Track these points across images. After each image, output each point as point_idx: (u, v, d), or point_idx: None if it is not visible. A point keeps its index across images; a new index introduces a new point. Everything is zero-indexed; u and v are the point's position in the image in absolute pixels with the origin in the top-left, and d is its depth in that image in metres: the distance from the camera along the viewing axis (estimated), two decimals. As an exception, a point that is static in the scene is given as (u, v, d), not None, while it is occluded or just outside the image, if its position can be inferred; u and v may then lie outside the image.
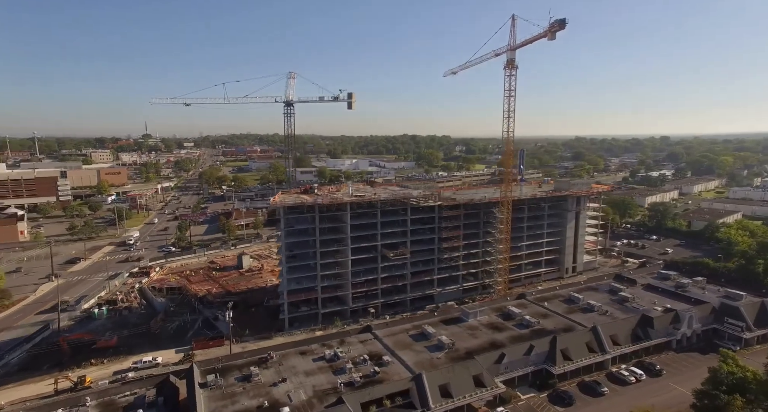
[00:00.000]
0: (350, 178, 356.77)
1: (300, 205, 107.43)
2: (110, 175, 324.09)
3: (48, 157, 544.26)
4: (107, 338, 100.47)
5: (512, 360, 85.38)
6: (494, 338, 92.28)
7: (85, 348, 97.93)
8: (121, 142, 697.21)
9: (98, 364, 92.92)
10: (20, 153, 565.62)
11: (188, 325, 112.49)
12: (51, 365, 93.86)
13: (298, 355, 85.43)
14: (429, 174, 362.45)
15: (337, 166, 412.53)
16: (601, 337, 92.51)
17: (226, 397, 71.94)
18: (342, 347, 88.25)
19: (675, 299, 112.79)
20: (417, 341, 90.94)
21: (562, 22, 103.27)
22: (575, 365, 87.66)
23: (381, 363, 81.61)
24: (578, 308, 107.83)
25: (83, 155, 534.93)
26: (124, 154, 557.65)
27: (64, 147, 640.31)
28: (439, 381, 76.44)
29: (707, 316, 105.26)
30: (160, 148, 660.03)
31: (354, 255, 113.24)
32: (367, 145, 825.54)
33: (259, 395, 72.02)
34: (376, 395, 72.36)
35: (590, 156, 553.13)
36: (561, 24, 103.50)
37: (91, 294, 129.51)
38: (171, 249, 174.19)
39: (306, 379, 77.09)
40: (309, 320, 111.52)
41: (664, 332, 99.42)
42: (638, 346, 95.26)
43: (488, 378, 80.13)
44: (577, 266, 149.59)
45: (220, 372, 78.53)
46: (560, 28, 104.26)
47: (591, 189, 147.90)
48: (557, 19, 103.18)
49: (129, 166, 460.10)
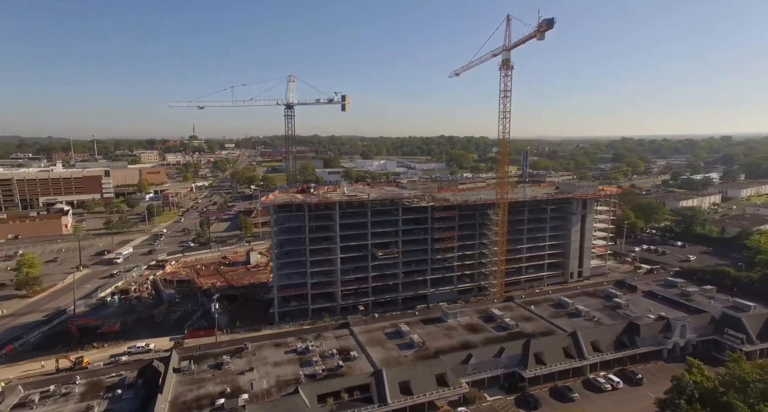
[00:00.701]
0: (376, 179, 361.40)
1: (289, 203, 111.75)
2: (150, 175, 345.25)
3: (105, 157, 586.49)
4: (111, 324, 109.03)
5: (481, 361, 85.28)
6: (467, 339, 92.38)
7: (91, 332, 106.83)
8: (169, 144, 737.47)
9: (99, 347, 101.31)
10: (82, 154, 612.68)
11: (189, 315, 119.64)
12: (62, 345, 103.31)
13: (273, 347, 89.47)
14: (454, 175, 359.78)
15: (365, 167, 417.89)
16: (580, 342, 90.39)
17: (194, 382, 76.98)
18: (316, 341, 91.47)
19: (673, 307, 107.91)
20: (390, 338, 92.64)
21: (550, 22, 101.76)
22: (548, 369, 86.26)
23: (348, 358, 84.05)
24: (565, 312, 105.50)
25: (133, 156, 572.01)
26: (170, 155, 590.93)
27: (119, 148, 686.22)
28: (399, 378, 77.90)
29: (705, 326, 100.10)
30: (204, 149, 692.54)
31: (343, 253, 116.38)
32: (403, 146, 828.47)
33: (224, 382, 76.49)
34: (334, 387, 74.91)
35: (631, 158, 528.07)
36: (549, 24, 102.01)
37: (108, 283, 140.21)
38: (190, 244, 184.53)
39: (272, 369, 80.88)
40: (299, 314, 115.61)
41: (653, 340, 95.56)
42: (621, 354, 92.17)
43: (452, 378, 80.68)
44: (584, 270, 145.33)
45: (196, 359, 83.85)
46: (548, 27, 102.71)
47: (597, 192, 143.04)
48: (545, 19, 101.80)
49: (171, 166, 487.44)
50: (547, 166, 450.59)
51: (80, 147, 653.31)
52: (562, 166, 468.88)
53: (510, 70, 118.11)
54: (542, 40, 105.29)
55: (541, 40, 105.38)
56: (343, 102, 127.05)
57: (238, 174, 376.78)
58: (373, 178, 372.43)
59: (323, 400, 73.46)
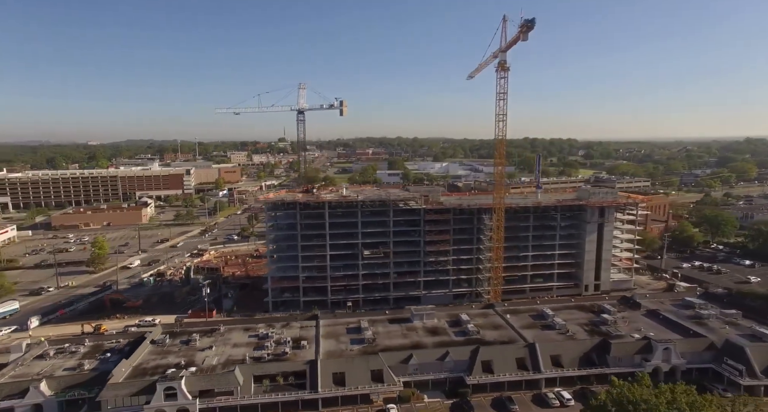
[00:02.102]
0: (434, 180, 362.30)
1: (282, 202, 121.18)
2: (227, 174, 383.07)
3: (204, 157, 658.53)
4: (134, 300, 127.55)
5: (423, 363, 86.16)
6: (420, 341, 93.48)
7: (119, 305, 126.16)
8: (258, 146, 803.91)
9: (121, 318, 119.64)
10: (186, 154, 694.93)
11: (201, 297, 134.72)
12: (98, 314, 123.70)
13: (242, 330, 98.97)
14: (513, 179, 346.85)
15: (426, 169, 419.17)
16: (537, 355, 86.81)
17: (161, 353, 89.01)
18: (281, 329, 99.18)
19: (670, 328, 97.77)
20: (348, 333, 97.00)
21: (531, 22, 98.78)
22: (494, 378, 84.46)
23: (298, 347, 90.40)
24: (541, 323, 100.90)
25: (225, 156, 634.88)
26: (256, 156, 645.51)
27: (217, 150, 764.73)
28: (334, 369, 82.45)
29: (701, 353, 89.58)
30: (287, 150, 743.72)
31: (333, 251, 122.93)
32: (481, 148, 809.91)
33: (184, 356, 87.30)
34: (271, 371, 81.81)
35: (741, 163, 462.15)
36: (530, 24, 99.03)
37: (153, 267, 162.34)
38: (233, 237, 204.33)
39: (229, 349, 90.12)
40: (292, 305, 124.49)
41: (628, 361, 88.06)
42: (584, 371, 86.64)
43: (389, 375, 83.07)
44: (602, 284, 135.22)
45: (174, 334, 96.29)
46: (529, 28, 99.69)
47: (616, 199, 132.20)
48: (526, 20, 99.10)
49: (255, 166, 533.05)
50: (625, 171, 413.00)
51: (187, 149, 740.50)
52: (646, 171, 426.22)
53: (506, 72, 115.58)
54: (525, 40, 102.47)
55: (525, 40, 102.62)
56: (341, 107, 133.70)
57: (307, 174, 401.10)
58: (430, 180, 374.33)
59: (260, 381, 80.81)
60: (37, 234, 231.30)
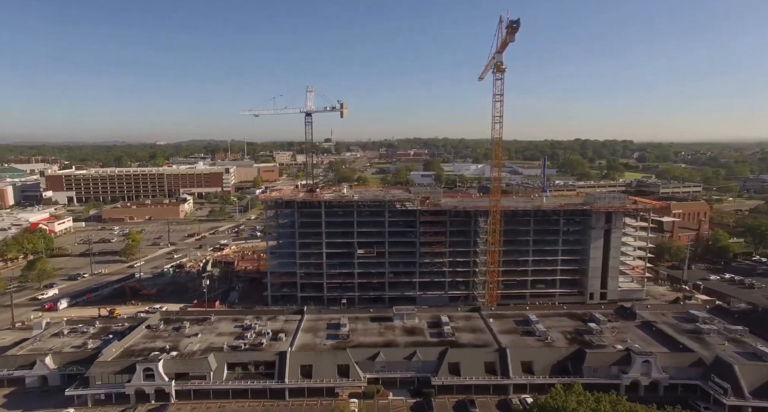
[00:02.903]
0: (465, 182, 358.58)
1: (281, 200, 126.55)
2: (266, 173, 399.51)
3: (252, 157, 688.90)
4: (149, 288, 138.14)
5: (390, 361, 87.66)
6: (394, 339, 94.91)
7: (136, 292, 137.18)
8: (304, 146, 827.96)
9: (136, 305, 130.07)
10: (236, 154, 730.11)
11: (215, 289, 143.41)
12: (119, 300, 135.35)
13: (230, 320, 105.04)
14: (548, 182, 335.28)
15: (461, 170, 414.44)
16: (507, 360, 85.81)
17: (152, 337, 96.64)
18: (266, 321, 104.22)
19: (660, 341, 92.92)
20: (327, 329, 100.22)
21: (516, 23, 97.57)
22: (460, 381, 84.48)
23: (275, 338, 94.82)
24: (521, 329, 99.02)
25: (270, 156, 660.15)
26: (300, 156, 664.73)
27: (264, 150, 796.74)
28: (302, 361, 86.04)
29: (687, 368, 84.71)
30: (331, 150, 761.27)
31: (329, 249, 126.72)
32: (527, 149, 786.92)
33: (171, 341, 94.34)
34: (243, 359, 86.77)
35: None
36: (515, 25, 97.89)
37: (176, 259, 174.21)
38: (257, 234, 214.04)
39: (212, 337, 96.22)
40: (290, 300, 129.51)
41: (604, 372, 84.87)
42: (555, 380, 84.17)
43: (355, 371, 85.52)
44: (609, 292, 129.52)
45: (168, 321, 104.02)
46: (515, 29, 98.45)
47: (623, 204, 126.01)
48: (511, 21, 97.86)
49: (296, 165, 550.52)
50: (677, 175, 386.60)
51: (237, 148, 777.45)
52: (703, 175, 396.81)
53: (502, 74, 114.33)
54: (513, 41, 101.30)
55: (512, 41, 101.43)
56: (341, 109, 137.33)
57: (339, 174, 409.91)
58: (462, 182, 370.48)
59: (233, 368, 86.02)
60: (89, 225, 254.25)
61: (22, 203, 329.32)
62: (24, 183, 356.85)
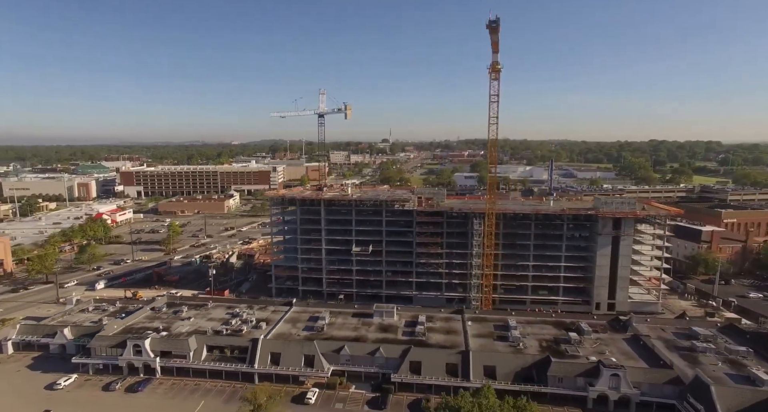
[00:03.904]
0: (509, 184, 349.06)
1: (284, 197, 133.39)
2: (313, 172, 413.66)
3: (309, 157, 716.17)
4: (172, 275, 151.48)
5: (355, 355, 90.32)
6: (364, 335, 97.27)
7: (161, 278, 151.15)
8: (360, 146, 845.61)
9: (158, 289, 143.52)
10: (295, 154, 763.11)
11: (231, 280, 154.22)
12: (147, 283, 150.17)
13: (224, 308, 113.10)
14: (593, 186, 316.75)
15: (507, 172, 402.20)
16: (469, 363, 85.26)
17: (152, 318, 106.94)
18: (256, 310, 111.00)
19: (642, 356, 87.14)
20: (307, 321, 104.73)
21: (495, 23, 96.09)
22: (418, 379, 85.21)
23: (256, 326, 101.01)
24: (497, 335, 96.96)
25: (325, 155, 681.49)
26: (354, 156, 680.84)
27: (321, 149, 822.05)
28: (271, 349, 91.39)
29: (662, 386, 79.13)
30: (386, 151, 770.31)
31: (328, 246, 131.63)
32: (589, 152, 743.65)
33: (164, 322, 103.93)
34: (220, 343, 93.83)
35: None
36: (494, 25, 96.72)
37: (208, 250, 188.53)
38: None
39: (202, 321, 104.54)
40: (292, 293, 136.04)
41: (570, 383, 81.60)
42: (517, 386, 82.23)
43: (320, 361, 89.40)
44: (618, 303, 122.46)
45: (170, 305, 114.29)
46: (494, 29, 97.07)
47: (633, 210, 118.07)
48: (491, 20, 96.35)
49: (348, 165, 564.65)
50: (760, 180, 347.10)
51: (296, 148, 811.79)
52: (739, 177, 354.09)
53: (498, 74, 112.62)
54: (496, 41, 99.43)
55: (495, 41, 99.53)
56: (345, 110, 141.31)
57: (384, 174, 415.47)
58: (506, 184, 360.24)
59: (212, 350, 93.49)
60: (147, 217, 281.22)
61: (101, 196, 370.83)
62: (105, 178, 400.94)
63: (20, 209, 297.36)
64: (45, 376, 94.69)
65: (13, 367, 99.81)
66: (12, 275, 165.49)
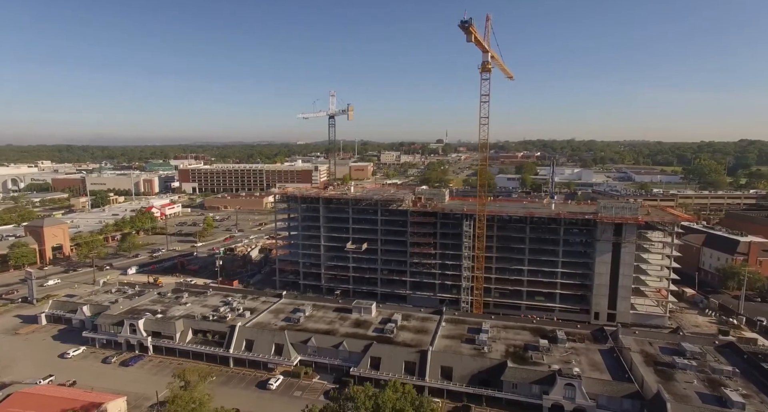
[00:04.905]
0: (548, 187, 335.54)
1: (286, 195, 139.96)
2: (357, 171, 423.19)
3: (361, 157, 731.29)
4: (193, 265, 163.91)
5: (320, 347, 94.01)
6: (335, 329, 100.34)
7: (183, 267, 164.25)
8: (413, 146, 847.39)
9: (178, 277, 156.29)
10: (348, 154, 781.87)
11: (247, 272, 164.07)
12: (172, 271, 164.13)
13: (220, 296, 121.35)
14: (641, 190, 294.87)
15: (555, 174, 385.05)
16: (426, 362, 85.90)
17: (156, 301, 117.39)
18: (248, 300, 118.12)
19: (609, 368, 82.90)
20: (289, 312, 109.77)
21: (466, 23, 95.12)
22: (376, 374, 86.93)
23: (241, 315, 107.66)
24: (467, 337, 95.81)
25: (376, 156, 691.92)
26: (405, 156, 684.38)
27: (375, 149, 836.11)
28: (246, 336, 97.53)
29: (620, 399, 75.25)
30: (438, 151, 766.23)
31: (326, 242, 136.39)
32: (660, 153, 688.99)
33: (164, 305, 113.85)
34: (204, 327, 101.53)
35: None
36: (466, 25, 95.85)
37: (234, 243, 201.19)
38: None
39: (195, 307, 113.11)
40: (294, 286, 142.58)
41: (525, 390, 79.68)
42: (470, 389, 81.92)
43: (288, 350, 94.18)
44: (618, 314, 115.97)
45: (176, 291, 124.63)
46: (466, 29, 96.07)
47: (635, 216, 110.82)
48: (462, 21, 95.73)
49: (398, 165, 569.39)
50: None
51: (350, 148, 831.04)
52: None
53: (488, 73, 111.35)
54: (471, 41, 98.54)
55: (470, 41, 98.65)
56: (348, 111, 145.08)
57: (425, 174, 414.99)
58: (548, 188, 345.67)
59: (197, 334, 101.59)
60: (194, 211, 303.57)
61: (162, 191, 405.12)
62: (166, 175, 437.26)
63: (93, 202, 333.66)
64: (62, 346, 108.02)
65: (40, 336, 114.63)
66: (69, 258, 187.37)
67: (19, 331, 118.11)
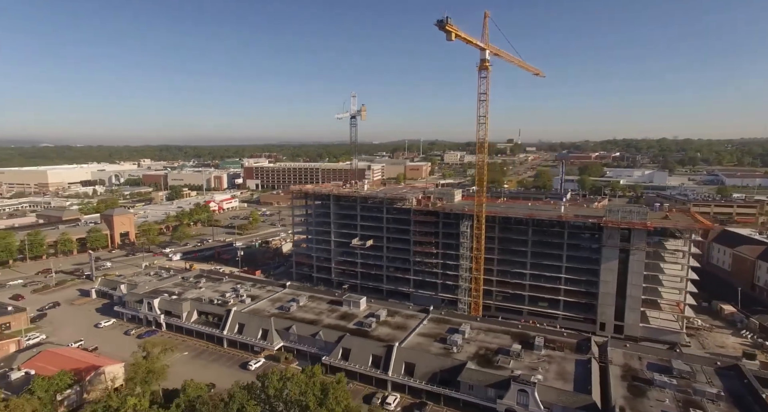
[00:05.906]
0: (614, 190, 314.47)
1: (299, 192, 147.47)
2: (412, 171, 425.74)
3: (425, 157, 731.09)
4: (226, 255, 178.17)
5: (300, 335, 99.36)
6: (320, 319, 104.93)
7: (219, 256, 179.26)
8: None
9: (212, 265, 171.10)
10: (413, 153, 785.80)
11: (274, 263, 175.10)
12: (209, 259, 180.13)
13: (232, 282, 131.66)
14: (719, 195, 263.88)
15: (620, 176, 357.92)
16: (391, 357, 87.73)
17: (178, 284, 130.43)
18: (255, 289, 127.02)
19: (576, 379, 78.63)
20: (283, 302, 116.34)
21: (441, 22, 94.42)
22: (345, 365, 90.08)
23: (242, 301, 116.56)
24: (440, 337, 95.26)
25: (439, 155, 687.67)
26: (468, 156, 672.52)
27: (441, 148, 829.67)
28: (239, 320, 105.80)
29: (574, 410, 71.61)
30: (506, 151, 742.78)
31: (336, 238, 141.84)
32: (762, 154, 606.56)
33: (184, 288, 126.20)
34: (206, 309, 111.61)
35: None
36: (440, 24, 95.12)
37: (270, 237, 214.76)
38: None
39: (206, 291, 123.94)
40: (308, 279, 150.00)
41: (481, 392, 78.60)
42: (428, 387, 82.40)
43: (271, 336, 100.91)
44: (626, 326, 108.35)
45: (198, 277, 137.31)
46: (441, 27, 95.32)
47: (643, 220, 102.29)
48: (438, 20, 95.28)
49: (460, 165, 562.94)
50: None
51: (416, 148, 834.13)
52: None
53: (485, 71, 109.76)
54: (451, 40, 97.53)
55: (450, 40, 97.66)
56: (361, 112, 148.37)
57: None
58: (612, 189, 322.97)
59: (201, 315, 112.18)
60: (251, 206, 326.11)
61: (230, 187, 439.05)
62: (234, 172, 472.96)
63: (168, 195, 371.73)
64: (100, 317, 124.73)
65: (87, 308, 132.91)
66: (133, 243, 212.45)
67: (74, 302, 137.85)
